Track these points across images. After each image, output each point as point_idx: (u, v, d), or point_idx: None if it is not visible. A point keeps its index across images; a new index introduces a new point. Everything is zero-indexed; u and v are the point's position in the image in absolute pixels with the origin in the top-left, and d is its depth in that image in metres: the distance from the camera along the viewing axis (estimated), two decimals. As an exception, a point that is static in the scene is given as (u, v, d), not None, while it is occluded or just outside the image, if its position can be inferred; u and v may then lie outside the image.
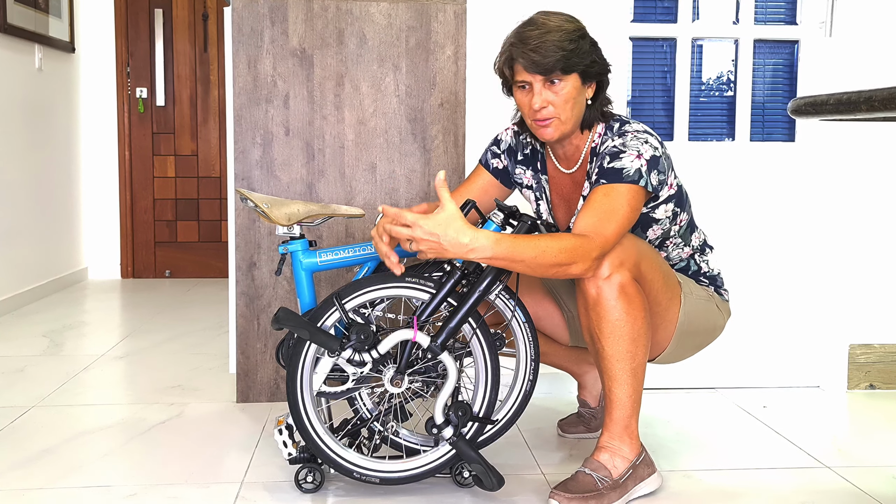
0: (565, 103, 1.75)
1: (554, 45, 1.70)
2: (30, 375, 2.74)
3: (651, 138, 1.77)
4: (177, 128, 4.94)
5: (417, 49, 2.40)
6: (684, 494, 1.85)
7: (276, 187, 2.40)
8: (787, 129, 2.66)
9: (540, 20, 1.75)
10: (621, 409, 1.77)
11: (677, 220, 1.88)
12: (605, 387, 1.78)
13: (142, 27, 4.86)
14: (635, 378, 1.75)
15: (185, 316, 3.77)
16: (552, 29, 1.72)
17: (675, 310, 1.86)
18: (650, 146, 1.74)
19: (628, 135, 1.77)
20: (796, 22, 2.61)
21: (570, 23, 1.76)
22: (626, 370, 1.74)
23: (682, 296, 1.87)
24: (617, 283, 1.70)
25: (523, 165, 1.99)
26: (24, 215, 4.08)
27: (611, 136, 1.80)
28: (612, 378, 1.76)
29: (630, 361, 1.74)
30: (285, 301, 2.44)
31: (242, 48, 2.37)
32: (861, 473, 1.98)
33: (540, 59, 1.71)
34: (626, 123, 1.82)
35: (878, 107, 1.11)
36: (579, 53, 1.73)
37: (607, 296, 1.70)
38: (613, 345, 1.73)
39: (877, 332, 2.65)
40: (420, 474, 1.79)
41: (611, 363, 1.75)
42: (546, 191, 1.97)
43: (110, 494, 1.81)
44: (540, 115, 1.76)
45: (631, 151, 1.73)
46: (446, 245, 1.57)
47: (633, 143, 1.74)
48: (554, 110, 1.76)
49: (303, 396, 1.76)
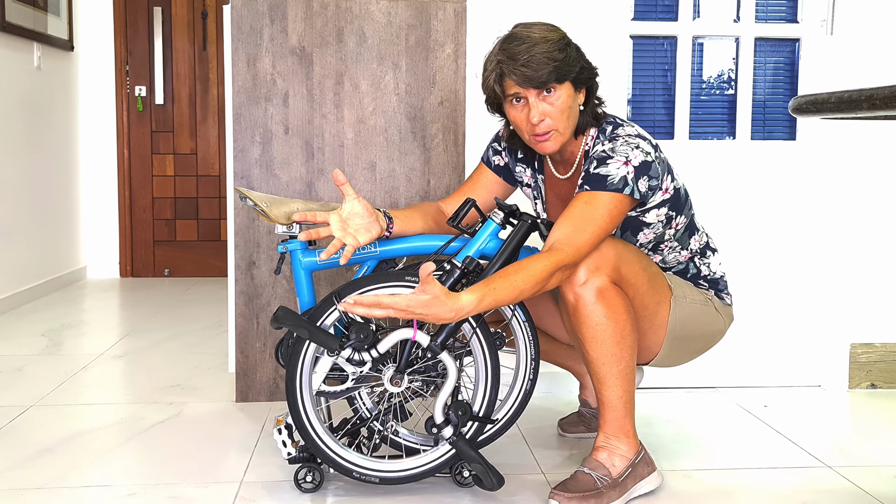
0: (561, 113, 1.74)
1: (544, 57, 1.69)
2: (28, 375, 2.73)
3: (643, 143, 1.74)
4: (176, 126, 4.93)
5: (417, 47, 2.39)
6: (685, 494, 1.84)
7: (275, 186, 2.40)
8: (788, 128, 2.65)
9: (522, 34, 1.72)
10: (613, 410, 1.77)
11: (672, 223, 1.85)
12: (596, 389, 1.78)
13: (141, 25, 4.85)
14: (624, 379, 1.75)
15: (184, 315, 3.77)
16: (538, 41, 1.70)
17: (665, 313, 1.84)
18: (641, 151, 1.72)
19: (619, 140, 1.75)
20: (797, 20, 2.61)
21: (553, 32, 1.74)
22: (612, 373, 1.74)
23: (673, 300, 1.85)
24: (594, 288, 1.69)
25: (523, 163, 1.98)
26: (23, 214, 4.07)
27: (602, 139, 1.79)
28: (601, 381, 1.76)
29: (616, 364, 1.74)
30: (284, 300, 2.43)
31: (242, 46, 2.36)
32: (862, 473, 1.97)
33: (532, 73, 1.69)
34: (619, 126, 1.80)
35: (879, 105, 1.10)
36: (569, 62, 1.72)
37: (586, 301, 1.70)
38: (597, 348, 1.73)
39: (878, 332, 2.64)
40: (420, 474, 1.78)
41: (597, 366, 1.74)
42: (542, 191, 1.96)
43: (109, 494, 1.80)
44: (539, 129, 1.74)
45: (619, 157, 1.71)
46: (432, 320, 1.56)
47: (623, 148, 1.72)
48: (552, 122, 1.74)
49: (302, 396, 1.76)
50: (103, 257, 4.91)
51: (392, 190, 2.42)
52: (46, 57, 4.31)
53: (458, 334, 1.76)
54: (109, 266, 4.92)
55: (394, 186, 2.42)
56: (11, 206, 3.95)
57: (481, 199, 2.00)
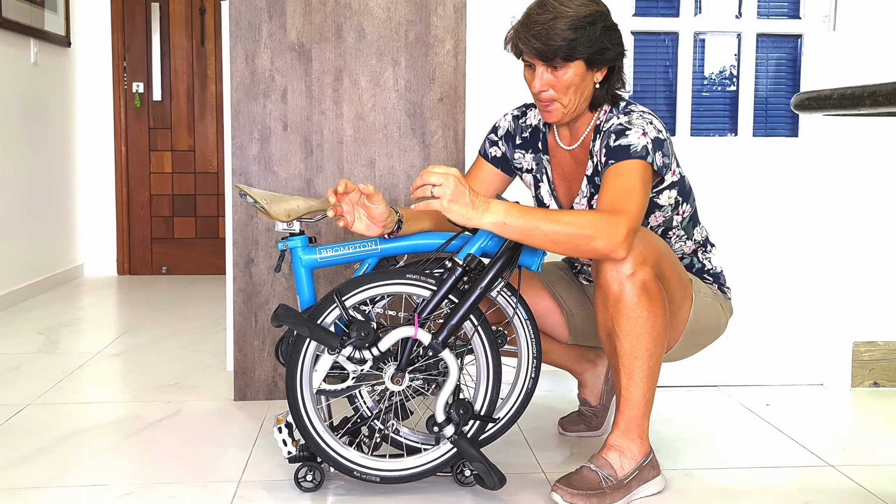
0: (566, 89, 1.75)
1: (557, 33, 1.69)
2: (25, 373, 2.72)
3: (656, 120, 1.77)
4: (173, 123, 4.91)
5: (417, 43, 2.37)
6: (687, 493, 1.83)
7: (273, 183, 2.38)
8: (790, 125, 2.64)
9: (553, 3, 1.72)
10: (634, 407, 1.74)
11: (679, 209, 1.87)
12: (619, 384, 1.75)
13: (138, 21, 4.83)
14: (651, 377, 1.73)
15: (182, 313, 3.75)
16: (561, 15, 1.70)
17: (687, 309, 1.84)
18: (654, 127, 1.74)
19: (634, 113, 1.77)
20: (800, 16, 2.59)
21: (586, 6, 1.72)
22: (643, 368, 1.72)
23: (693, 294, 1.85)
24: (640, 280, 1.67)
25: (522, 149, 1.98)
26: (19, 211, 4.05)
27: (616, 113, 1.81)
28: (629, 375, 1.72)
29: (648, 360, 1.71)
30: (283, 298, 2.42)
31: (240, 42, 2.34)
32: (865, 472, 1.96)
33: (541, 46, 1.71)
34: (632, 104, 1.83)
35: (882, 102, 1.10)
36: (584, 42, 1.71)
37: (629, 293, 1.67)
38: (633, 342, 1.70)
39: (881, 330, 2.63)
40: (421, 473, 1.78)
41: (628, 360, 1.72)
42: (547, 171, 1.96)
43: (106, 493, 1.79)
44: (541, 96, 1.78)
45: (636, 129, 1.72)
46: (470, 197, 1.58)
47: (639, 121, 1.74)
48: (554, 94, 1.77)
49: (302, 394, 1.75)
50: (100, 255, 4.89)
51: (392, 187, 2.41)
52: (43, 53, 4.29)
53: (460, 332, 1.75)
54: (107, 264, 4.91)
55: (393, 183, 2.41)
56: (8, 202, 3.93)
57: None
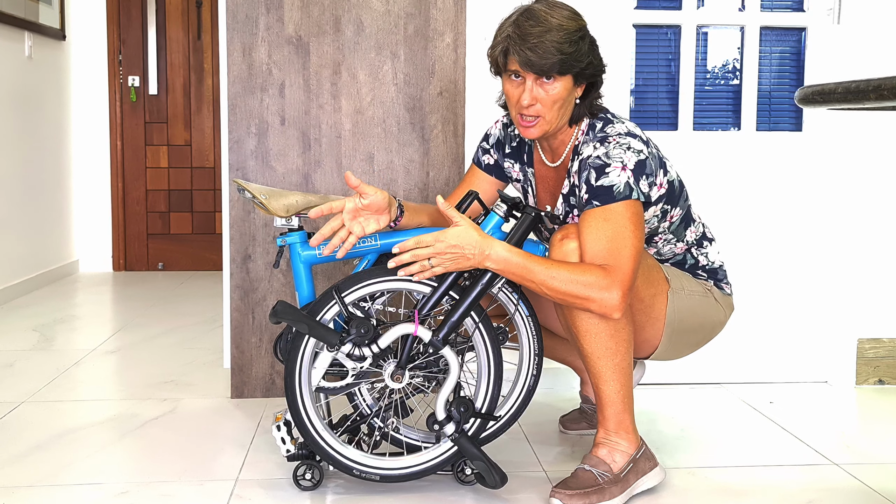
0: (553, 104, 1.72)
1: (553, 46, 1.66)
2: (20, 370, 2.70)
3: (634, 141, 1.72)
4: (170, 117, 4.88)
5: (416, 36, 2.35)
6: (689, 492, 1.82)
7: (271, 178, 2.36)
8: (794, 119, 2.62)
9: (542, 14, 1.69)
10: (611, 405, 1.75)
11: (667, 217, 1.83)
12: (593, 385, 1.77)
13: (134, 14, 4.79)
14: (621, 374, 1.73)
15: (179, 310, 3.73)
16: (553, 27, 1.67)
17: (662, 306, 1.82)
18: (633, 152, 1.69)
19: (610, 142, 1.71)
20: (804, 9, 2.57)
21: (573, 21, 1.71)
22: (609, 367, 1.72)
23: (670, 292, 1.83)
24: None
25: (511, 159, 1.97)
26: (14, 206, 4.02)
27: (592, 136, 1.76)
28: (598, 376, 1.74)
29: (611, 358, 1.72)
30: (281, 294, 2.40)
31: (237, 35, 2.32)
32: (869, 470, 1.95)
33: (537, 59, 1.67)
34: (609, 124, 1.77)
35: (887, 95, 1.09)
36: (577, 56, 1.69)
37: None
38: (592, 342, 1.71)
39: (886, 327, 2.62)
40: (421, 471, 1.77)
41: (593, 361, 1.73)
42: (532, 184, 1.94)
43: (102, 492, 1.78)
44: (526, 111, 1.73)
45: (615, 164, 1.68)
46: (469, 251, 1.62)
47: (616, 151, 1.69)
48: (541, 109, 1.72)
49: (301, 392, 1.73)
50: (96, 251, 4.87)
51: (390, 182, 2.38)
52: (38, 46, 4.26)
53: (461, 329, 1.73)
54: (102, 259, 4.88)
55: (392, 178, 2.38)
56: (2, 198, 3.90)
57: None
